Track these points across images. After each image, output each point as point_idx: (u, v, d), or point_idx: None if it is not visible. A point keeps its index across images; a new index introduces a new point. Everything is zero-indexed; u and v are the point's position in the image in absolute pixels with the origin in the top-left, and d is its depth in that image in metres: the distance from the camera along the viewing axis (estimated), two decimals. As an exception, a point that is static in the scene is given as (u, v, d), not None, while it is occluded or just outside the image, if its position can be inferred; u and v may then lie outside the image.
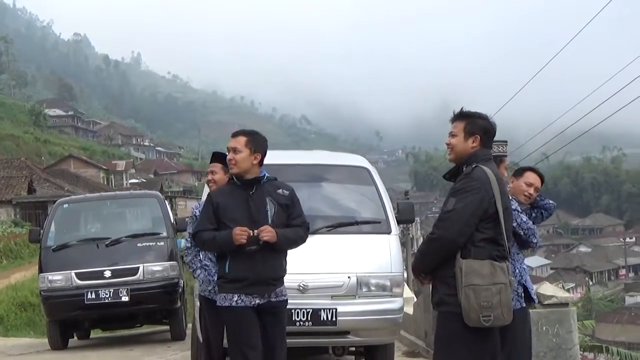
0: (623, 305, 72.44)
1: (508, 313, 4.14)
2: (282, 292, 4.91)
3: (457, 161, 4.43)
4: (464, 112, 4.46)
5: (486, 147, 4.42)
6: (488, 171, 4.25)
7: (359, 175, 7.26)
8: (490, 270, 4.11)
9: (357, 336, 6.37)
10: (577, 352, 6.10)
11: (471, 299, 4.06)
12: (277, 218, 4.83)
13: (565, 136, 20.97)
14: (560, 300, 6.04)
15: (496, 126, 4.48)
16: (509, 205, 4.37)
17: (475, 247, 4.16)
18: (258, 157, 4.89)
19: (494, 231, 4.21)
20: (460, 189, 4.23)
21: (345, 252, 6.44)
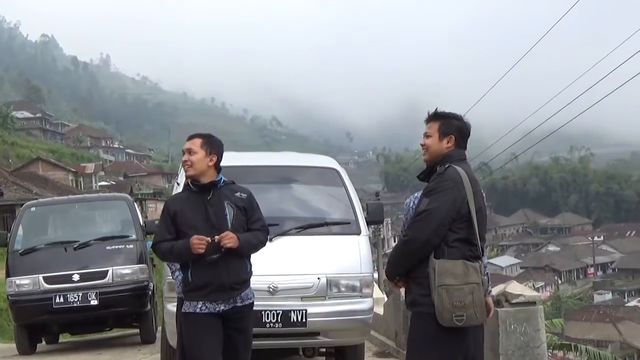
0: (592, 303, 73.29)
1: (481, 313, 4.16)
2: (247, 296, 4.84)
3: (432, 162, 4.44)
4: (438, 113, 4.48)
5: (461, 147, 4.44)
6: (461, 171, 4.26)
7: (328, 176, 7.27)
8: (464, 270, 4.13)
9: (327, 337, 6.38)
10: (545, 350, 6.16)
11: (444, 299, 4.08)
12: (236, 222, 4.77)
13: (532, 136, 21.16)
14: (527, 299, 6.09)
15: (470, 127, 4.50)
16: (482, 205, 4.38)
17: (449, 247, 4.17)
18: (214, 159, 4.83)
19: (467, 231, 4.22)
20: (433, 189, 4.24)
21: (315, 253, 6.44)
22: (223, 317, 4.73)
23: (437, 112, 4.49)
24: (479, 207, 4.30)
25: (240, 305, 4.78)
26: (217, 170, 4.87)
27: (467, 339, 4.24)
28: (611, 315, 60.75)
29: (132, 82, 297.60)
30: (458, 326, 4.10)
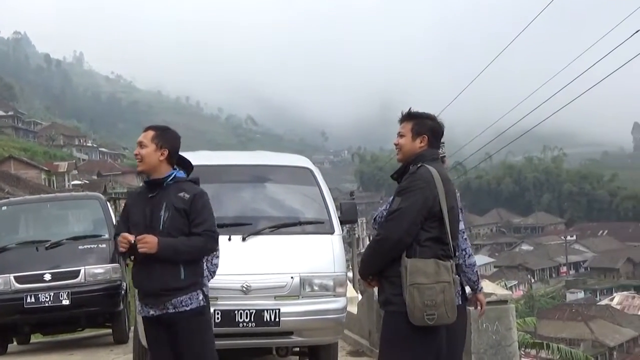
0: (564, 302, 73.99)
1: (452, 311, 4.18)
2: (182, 303, 4.47)
3: (405, 161, 4.47)
4: (411, 113, 4.51)
5: (434, 147, 4.47)
6: (433, 170, 4.29)
7: (302, 175, 7.25)
8: (435, 269, 4.15)
9: (301, 336, 6.37)
10: (516, 348, 6.21)
11: (415, 298, 4.10)
12: (170, 224, 4.47)
13: (506, 136, 21.30)
14: (499, 297, 6.14)
15: (444, 126, 4.53)
16: (455, 204, 4.41)
17: (421, 246, 4.20)
18: (165, 154, 4.56)
19: (439, 230, 4.25)
20: (405, 188, 4.27)
21: (288, 253, 6.43)
22: (161, 321, 4.56)
23: (410, 112, 4.52)
24: (451, 206, 4.33)
25: (172, 312, 4.49)
26: (172, 166, 4.63)
27: (439, 339, 4.27)
28: (583, 313, 61.36)
29: (106, 81, 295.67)
30: (429, 325, 4.12)
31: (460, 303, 5.06)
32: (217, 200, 6.35)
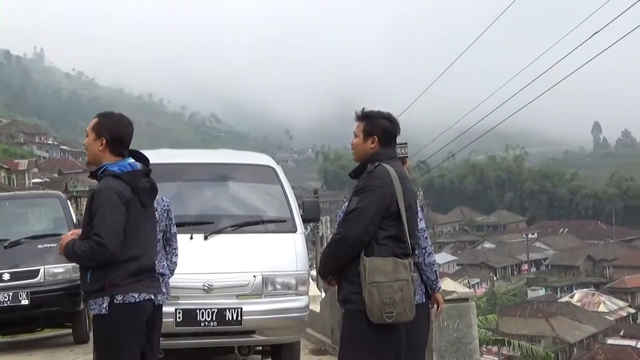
0: (525, 299, 74.83)
1: (410, 309, 4.21)
2: (91, 307, 4.22)
3: (360, 161, 4.49)
4: (364, 113, 4.52)
5: (387, 147, 4.47)
6: (390, 169, 4.31)
7: (264, 174, 7.25)
8: (393, 267, 4.17)
9: (263, 335, 6.37)
10: (477, 345, 6.27)
11: (374, 296, 4.12)
12: (83, 223, 4.25)
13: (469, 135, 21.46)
14: (460, 295, 6.20)
15: (399, 126, 4.54)
16: (412, 203, 4.43)
17: (379, 244, 4.22)
18: (103, 143, 4.23)
19: (397, 229, 4.27)
20: (362, 187, 4.29)
21: (250, 251, 6.42)
22: None
23: (363, 112, 4.54)
24: (409, 205, 4.35)
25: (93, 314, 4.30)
26: (122, 155, 4.29)
27: (398, 337, 4.30)
28: (544, 310, 62.12)
29: (67, 77, 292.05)
30: (388, 323, 4.14)
31: (423, 301, 5.13)
32: (178, 199, 6.33)
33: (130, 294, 4.16)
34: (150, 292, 4.26)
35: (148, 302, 4.24)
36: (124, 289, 4.15)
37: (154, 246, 4.47)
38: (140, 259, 4.22)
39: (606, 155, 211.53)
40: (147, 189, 4.31)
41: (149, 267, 4.31)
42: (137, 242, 4.21)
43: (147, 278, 4.27)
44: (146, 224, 4.33)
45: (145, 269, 4.26)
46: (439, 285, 5.16)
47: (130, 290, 4.16)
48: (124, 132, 4.28)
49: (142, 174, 4.31)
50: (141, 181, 4.28)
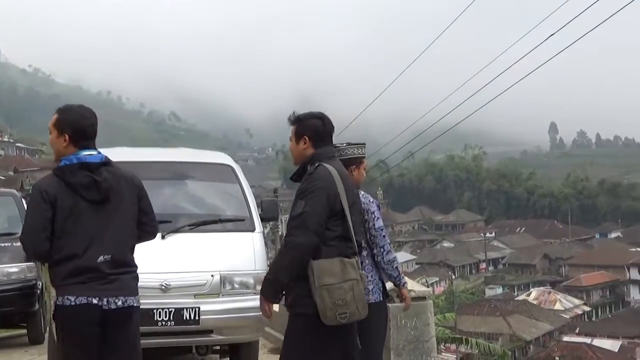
0: (483, 297, 75.60)
1: (363, 308, 4.22)
2: None
3: (298, 163, 4.48)
4: (295, 116, 4.52)
5: (322, 146, 4.44)
6: (331, 168, 4.30)
7: (222, 172, 7.21)
8: (341, 267, 4.17)
9: (221, 334, 6.34)
10: (434, 343, 6.32)
11: (326, 299, 4.11)
12: None
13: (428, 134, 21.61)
14: (418, 294, 6.23)
15: (331, 124, 4.52)
16: (356, 200, 4.46)
17: (327, 246, 4.20)
18: (66, 139, 4.11)
19: (343, 227, 4.27)
20: (305, 189, 4.26)
21: (208, 250, 6.39)
22: None
23: (294, 115, 4.53)
24: (352, 202, 4.36)
25: None
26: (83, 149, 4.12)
27: (346, 338, 4.29)
28: (501, 308, 62.87)
29: (23, 74, 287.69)
30: (338, 325, 4.14)
31: (381, 299, 5.17)
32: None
33: (66, 296, 3.98)
34: (92, 295, 3.98)
35: (87, 307, 3.97)
36: (61, 290, 4.01)
37: (107, 244, 4.07)
38: (75, 258, 3.98)
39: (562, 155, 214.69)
40: (84, 183, 4.03)
41: (89, 268, 3.99)
42: (73, 240, 4.00)
43: (92, 280, 3.99)
44: (96, 221, 4.05)
45: (83, 269, 3.98)
46: (403, 280, 5.21)
47: (67, 293, 3.99)
48: (86, 124, 4.16)
49: (80, 168, 4.05)
50: (76, 175, 4.03)
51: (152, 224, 4.37)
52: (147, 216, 4.32)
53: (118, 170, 4.21)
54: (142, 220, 4.29)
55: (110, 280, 4.06)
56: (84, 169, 4.05)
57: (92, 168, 4.07)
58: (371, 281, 5.22)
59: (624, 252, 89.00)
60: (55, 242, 4.01)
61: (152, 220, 4.38)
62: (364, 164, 5.45)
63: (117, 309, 4.05)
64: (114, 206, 4.12)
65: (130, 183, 4.24)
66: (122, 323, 4.09)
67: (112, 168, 4.18)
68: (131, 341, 4.18)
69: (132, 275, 4.19)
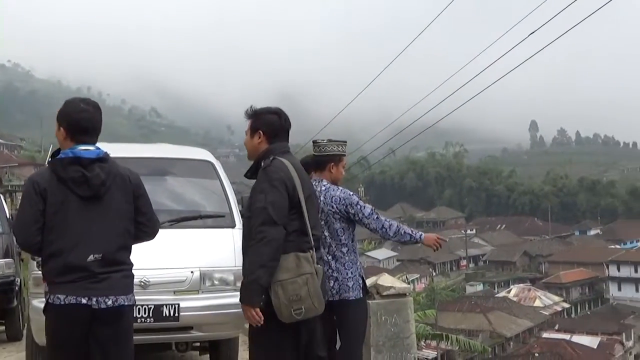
0: (464, 294, 75.97)
1: (319, 303, 4.18)
2: None
3: (252, 158, 4.48)
4: (252, 110, 4.51)
5: (277, 141, 4.42)
6: (286, 162, 4.30)
7: (202, 169, 7.19)
8: (296, 262, 4.15)
9: (201, 331, 6.30)
10: (414, 340, 6.33)
11: (280, 295, 4.09)
12: None
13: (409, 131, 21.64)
14: (398, 290, 6.24)
15: (288, 120, 4.51)
16: (312, 192, 4.44)
17: (285, 241, 4.16)
18: (63, 132, 4.14)
19: (300, 221, 4.25)
20: (264, 183, 4.24)
21: (188, 247, 6.35)
22: None
23: (251, 109, 4.52)
24: (308, 195, 4.34)
25: None
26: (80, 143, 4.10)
27: (300, 333, 4.28)
28: (482, 305, 63.18)
29: (2, 69, 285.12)
30: (298, 320, 4.12)
31: (361, 296, 5.19)
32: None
33: (56, 295, 3.96)
34: (81, 294, 3.94)
35: (76, 307, 3.93)
36: (52, 288, 3.99)
37: (97, 243, 4.00)
38: (63, 255, 3.94)
39: (542, 153, 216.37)
40: (75, 178, 3.98)
41: (78, 267, 3.95)
42: (63, 236, 3.96)
43: (82, 279, 3.94)
44: (86, 217, 3.98)
45: (72, 268, 3.94)
46: (418, 234, 5.35)
47: (57, 291, 3.96)
48: (81, 117, 4.10)
49: (72, 162, 4.00)
50: (67, 170, 3.99)
51: (149, 224, 4.31)
52: (144, 216, 4.26)
53: (114, 168, 4.15)
54: (139, 220, 4.23)
55: (100, 280, 4.01)
56: (76, 164, 4.00)
57: (85, 163, 4.02)
58: (351, 277, 5.23)
59: (603, 249, 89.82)
60: (46, 236, 3.98)
61: (150, 220, 4.31)
62: (343, 162, 5.45)
63: (107, 308, 4.01)
64: (106, 204, 4.06)
65: (125, 181, 4.17)
66: (112, 322, 4.06)
67: (108, 165, 4.11)
68: (122, 340, 4.15)
69: (123, 273, 4.15)
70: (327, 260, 5.26)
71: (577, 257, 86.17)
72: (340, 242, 5.28)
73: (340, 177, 5.46)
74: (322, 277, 4.26)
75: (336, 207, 5.26)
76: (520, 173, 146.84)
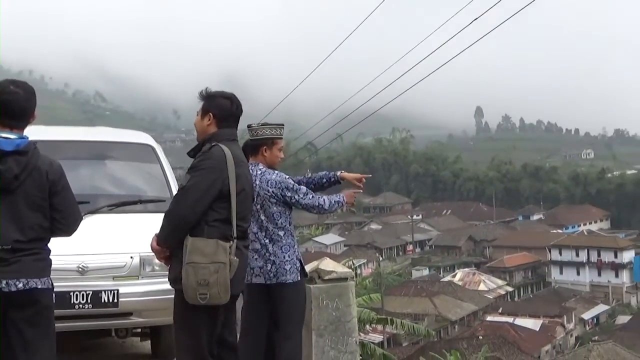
0: (410, 279, 76.79)
1: (224, 293, 4.22)
2: None
3: (200, 140, 4.52)
4: (205, 93, 4.56)
5: (226, 127, 4.48)
6: (227, 151, 4.32)
7: (143, 153, 7.09)
8: (214, 249, 4.19)
9: (141, 317, 6.24)
10: (356, 324, 6.36)
11: (190, 276, 4.16)
12: None
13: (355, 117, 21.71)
14: (339, 275, 6.26)
15: (240, 107, 4.58)
16: (246, 187, 4.47)
17: (209, 226, 4.24)
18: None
19: (228, 211, 4.30)
20: (195, 166, 4.32)
21: (128, 232, 6.26)
22: None
23: (205, 91, 4.58)
24: (242, 189, 4.38)
25: None
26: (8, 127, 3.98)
27: (216, 319, 4.37)
28: (427, 290, 64.01)
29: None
30: (202, 304, 4.18)
31: (298, 279, 5.24)
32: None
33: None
34: None
35: None
36: None
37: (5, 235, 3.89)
38: None
39: (487, 139, 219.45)
40: None
41: None
42: None
43: None
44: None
45: None
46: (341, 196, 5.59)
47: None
48: (7, 100, 3.94)
49: None
50: None
51: (64, 221, 4.15)
52: (59, 213, 4.10)
53: (34, 160, 3.99)
54: (54, 216, 4.09)
55: (10, 263, 3.91)
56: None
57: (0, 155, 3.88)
58: (288, 261, 5.27)
59: (545, 234, 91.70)
60: None
61: (65, 218, 4.15)
62: (277, 144, 5.48)
63: (18, 291, 3.91)
64: (19, 197, 3.93)
65: (42, 177, 4.01)
66: (26, 306, 3.96)
67: (26, 158, 3.96)
68: (38, 324, 4.04)
69: (35, 257, 4.02)
70: (265, 243, 5.31)
71: (520, 242, 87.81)
72: (277, 225, 5.34)
73: (276, 160, 5.49)
74: (235, 269, 4.30)
75: (272, 191, 5.32)
76: (465, 159, 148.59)
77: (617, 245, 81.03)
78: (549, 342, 58.06)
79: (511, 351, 45.06)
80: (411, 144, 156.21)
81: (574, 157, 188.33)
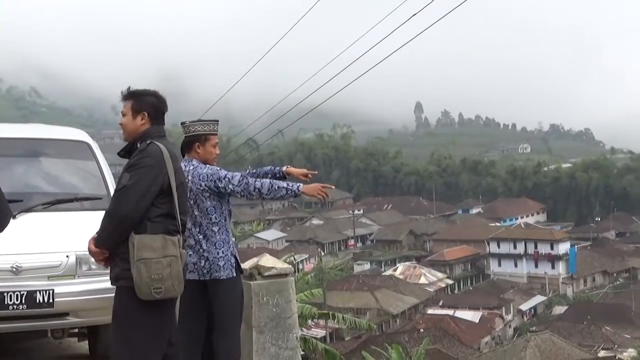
0: (352, 273, 77.30)
1: (179, 284, 4.29)
2: None
3: (130, 140, 4.55)
4: (131, 91, 4.59)
5: (157, 123, 4.56)
6: (162, 148, 4.39)
7: (78, 149, 6.96)
8: (162, 243, 4.24)
9: (78, 317, 6.12)
10: (296, 319, 6.36)
11: (142, 273, 4.18)
12: None
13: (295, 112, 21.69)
14: (279, 271, 6.26)
15: (166, 103, 4.65)
16: (183, 180, 4.56)
17: (152, 222, 4.29)
18: None
19: (169, 206, 4.35)
20: (134, 164, 4.34)
21: (63, 230, 6.14)
22: None
23: (129, 90, 4.60)
24: (180, 182, 4.46)
25: None
26: None
27: (169, 314, 4.44)
28: (369, 284, 64.49)
29: None
30: (157, 299, 4.22)
31: (234, 275, 5.25)
32: (-18, 176, 5.94)
33: None
34: None
35: None
36: None
37: None
38: None
39: (427, 134, 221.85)
40: None
41: None
42: None
43: None
44: None
45: None
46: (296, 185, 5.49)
47: None
48: None
49: None
50: None
51: None
52: None
53: None
54: None
55: None
56: None
57: None
58: (222, 257, 5.28)
59: (484, 227, 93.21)
60: None
61: None
62: (211, 141, 5.48)
63: None
64: None
65: None
66: None
67: None
68: None
69: None
70: (198, 239, 5.31)
71: (460, 235, 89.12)
72: (211, 221, 5.33)
73: (210, 156, 5.47)
74: (184, 262, 4.40)
75: (204, 185, 5.32)
76: (406, 154, 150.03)
77: (553, 237, 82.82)
78: (488, 334, 59.13)
79: (452, 343, 45.74)
80: (352, 140, 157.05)
81: (511, 152, 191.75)
